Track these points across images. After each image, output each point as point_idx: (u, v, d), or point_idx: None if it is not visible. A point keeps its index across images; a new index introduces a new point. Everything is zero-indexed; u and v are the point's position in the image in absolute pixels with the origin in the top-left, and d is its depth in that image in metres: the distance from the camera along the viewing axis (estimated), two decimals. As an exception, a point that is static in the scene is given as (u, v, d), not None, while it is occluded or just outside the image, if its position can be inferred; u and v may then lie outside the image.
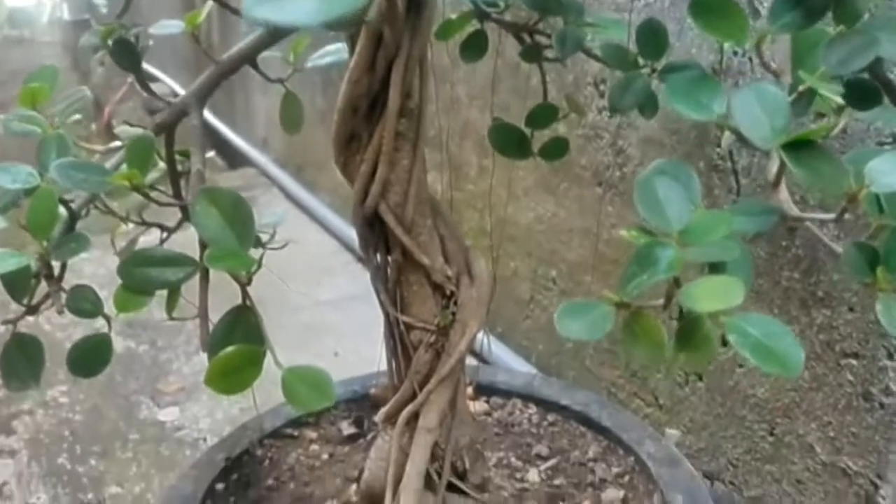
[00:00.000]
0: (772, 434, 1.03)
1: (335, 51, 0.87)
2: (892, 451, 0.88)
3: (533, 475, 0.95)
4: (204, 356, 0.68)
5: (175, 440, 1.45)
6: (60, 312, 0.70)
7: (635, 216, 1.16)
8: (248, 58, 0.79)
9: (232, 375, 0.65)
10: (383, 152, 0.68)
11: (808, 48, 0.48)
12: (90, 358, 0.71)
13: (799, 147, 0.41)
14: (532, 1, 0.77)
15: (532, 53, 0.82)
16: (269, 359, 0.87)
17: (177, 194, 0.86)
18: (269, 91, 2.99)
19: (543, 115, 0.86)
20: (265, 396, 1.50)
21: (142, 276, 0.69)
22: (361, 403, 1.10)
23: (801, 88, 0.46)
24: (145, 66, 0.79)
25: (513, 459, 0.98)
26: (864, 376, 0.89)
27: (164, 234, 0.89)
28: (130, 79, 0.81)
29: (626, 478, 0.95)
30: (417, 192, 0.72)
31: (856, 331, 0.89)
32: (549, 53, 0.81)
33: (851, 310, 0.89)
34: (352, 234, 2.36)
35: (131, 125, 0.86)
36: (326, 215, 2.40)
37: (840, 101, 0.44)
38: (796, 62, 0.48)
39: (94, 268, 1.72)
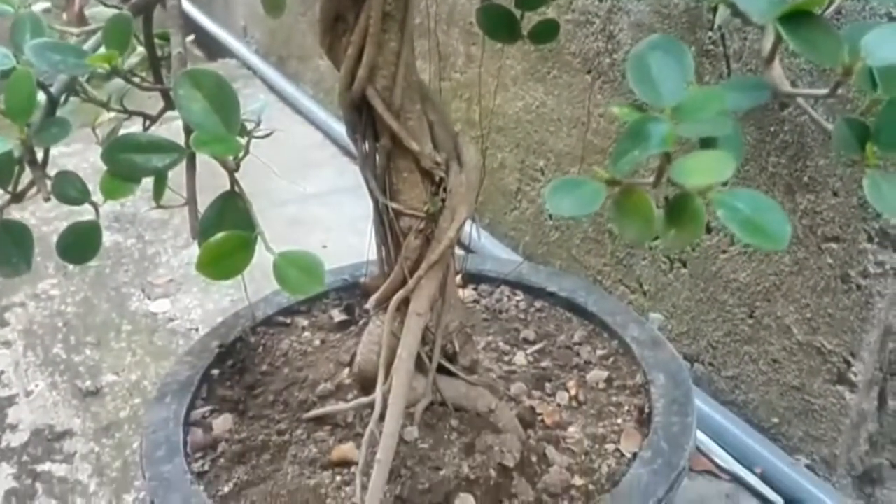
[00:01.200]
0: (751, 317, 1.05)
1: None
2: (866, 330, 0.91)
3: (520, 358, 0.98)
4: (192, 250, 0.68)
5: (168, 331, 1.48)
6: (47, 199, 0.69)
7: (625, 104, 1.15)
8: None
9: (223, 261, 0.66)
10: (370, 34, 0.67)
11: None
12: (81, 245, 0.71)
13: (796, 19, 0.41)
14: None
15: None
16: (259, 251, 0.87)
17: (157, 79, 0.84)
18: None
19: (532, -5, 0.84)
20: (255, 287, 1.52)
21: (127, 161, 0.68)
22: (351, 292, 1.12)
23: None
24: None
25: (500, 344, 1.01)
26: (843, 259, 0.91)
27: (147, 123, 0.88)
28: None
29: (611, 359, 0.98)
30: (406, 76, 0.71)
31: (838, 215, 0.90)
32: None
33: (835, 194, 0.90)
34: (337, 127, 2.33)
35: (106, 5, 0.83)
36: (311, 107, 2.36)
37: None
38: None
39: (77, 161, 1.70)
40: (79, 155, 1.72)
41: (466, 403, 0.85)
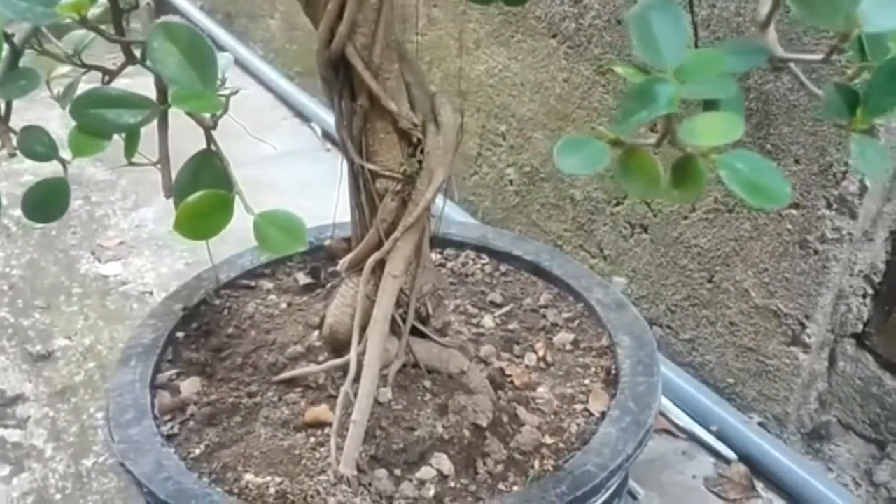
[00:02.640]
0: (710, 281, 1.08)
1: None
2: (822, 293, 0.95)
3: (488, 321, 0.99)
4: (141, 212, 0.66)
5: (120, 294, 1.44)
6: (13, 155, 0.67)
7: (590, 70, 1.15)
8: None
9: (201, 220, 0.64)
10: (353, -11, 0.65)
11: None
12: (48, 203, 0.69)
13: (797, -16, 0.42)
14: None
15: None
16: None
17: (119, 32, 0.81)
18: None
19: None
20: (213, 250, 1.49)
21: (97, 117, 0.66)
22: (315, 255, 1.10)
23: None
24: None
25: (468, 307, 1.01)
26: (802, 225, 0.94)
27: (107, 78, 0.85)
28: None
29: (576, 322, 1.00)
30: (385, 34, 0.70)
31: (799, 182, 0.93)
32: None
33: (797, 162, 0.93)
34: (289, 88, 2.29)
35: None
36: (261, 68, 2.31)
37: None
38: None
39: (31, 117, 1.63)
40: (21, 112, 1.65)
41: (439, 365, 0.86)
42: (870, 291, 0.94)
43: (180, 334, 0.96)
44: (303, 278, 1.06)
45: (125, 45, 0.77)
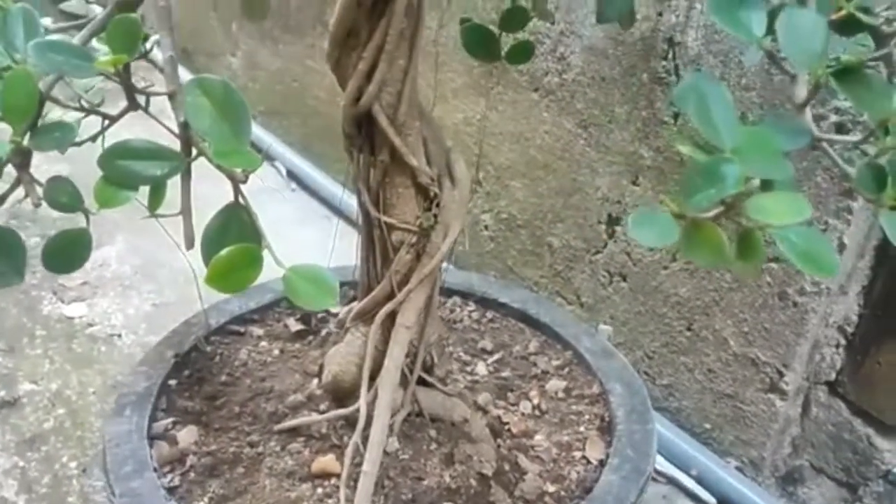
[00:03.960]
0: (689, 329, 1.13)
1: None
2: (800, 343, 1.00)
3: (481, 368, 1.01)
4: (104, 251, 0.66)
5: (87, 336, 1.40)
6: (37, 205, 0.66)
7: (572, 123, 1.20)
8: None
9: (232, 274, 0.64)
10: (386, 51, 0.67)
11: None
12: (69, 253, 0.68)
13: (845, 73, 0.46)
14: None
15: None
16: (162, 252, 0.84)
17: (127, 79, 0.81)
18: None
19: (516, 17, 0.87)
20: (178, 291, 1.47)
21: (125, 169, 0.66)
22: (303, 300, 1.10)
23: (835, 16, 0.50)
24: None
25: (461, 354, 1.03)
26: (782, 279, 0.99)
27: (107, 123, 0.84)
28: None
29: (566, 369, 1.02)
30: (410, 94, 0.72)
31: (778, 238, 0.98)
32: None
33: (777, 219, 0.98)
34: (252, 126, 2.28)
35: (88, 1, 0.80)
36: (221, 106, 2.30)
37: (873, 22, 0.49)
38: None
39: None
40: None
41: (443, 413, 0.87)
42: (843, 342, 0.99)
43: (173, 382, 0.94)
44: (293, 324, 1.06)
45: (129, 92, 0.77)
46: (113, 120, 0.85)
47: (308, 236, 1.75)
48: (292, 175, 2.01)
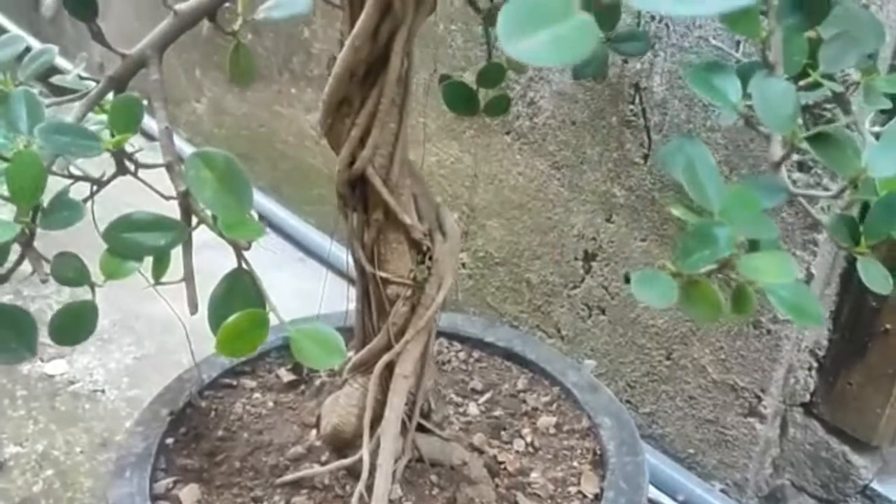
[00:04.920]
0: (668, 358, 1.17)
1: (287, 2, 0.86)
2: (775, 368, 1.04)
3: (473, 409, 1.04)
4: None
5: (69, 394, 1.40)
6: (45, 281, 0.68)
7: (545, 164, 1.24)
8: (209, 9, 0.77)
9: (241, 340, 0.66)
10: (378, 117, 0.71)
11: (794, 48, 0.57)
12: (75, 326, 0.69)
13: (817, 137, 0.50)
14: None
15: (494, 17, 0.86)
16: (163, 307, 0.86)
17: (121, 149, 0.83)
18: (106, 14, 2.77)
19: (493, 74, 0.91)
20: (156, 342, 1.47)
21: (131, 241, 0.68)
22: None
23: (802, 83, 0.55)
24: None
25: (453, 395, 1.06)
26: (755, 308, 1.04)
27: (95, 189, 0.86)
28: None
29: (555, 405, 1.06)
30: (401, 155, 0.75)
31: (749, 269, 1.03)
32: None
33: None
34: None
35: (83, 77, 0.82)
36: (187, 151, 2.30)
37: (838, 88, 0.54)
38: (787, 60, 0.57)
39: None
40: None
41: (442, 458, 0.89)
42: (815, 365, 1.04)
43: (170, 440, 0.95)
44: (285, 374, 1.08)
45: (121, 161, 0.79)
46: (101, 185, 0.87)
47: (283, 280, 1.76)
48: (263, 218, 2.02)
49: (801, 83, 0.55)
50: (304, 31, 1.73)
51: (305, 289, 1.73)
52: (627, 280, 1.19)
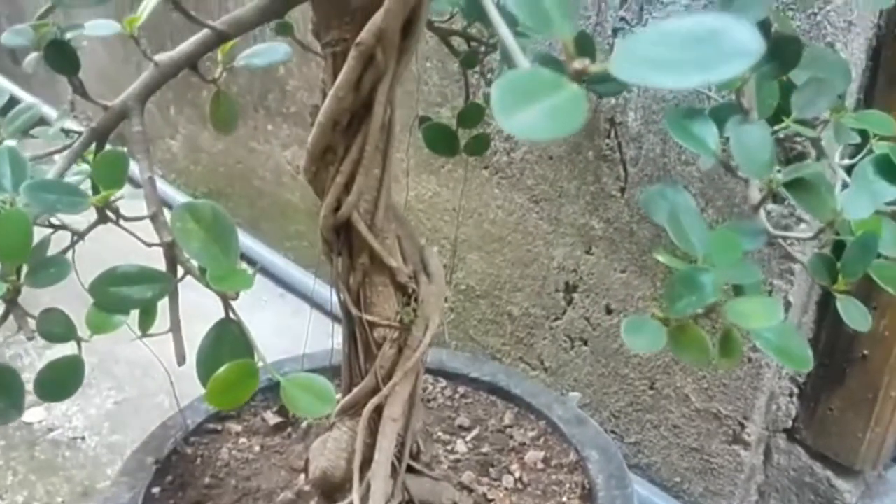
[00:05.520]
0: (652, 388, 1.18)
1: (266, 50, 0.87)
2: (757, 396, 1.06)
3: (461, 446, 1.04)
4: (55, 349, 0.68)
5: (49, 442, 1.37)
6: (31, 338, 0.67)
7: (524, 198, 1.25)
8: (191, 60, 0.78)
9: (231, 391, 0.66)
10: (362, 164, 0.71)
11: (767, 93, 0.59)
12: (61, 381, 0.69)
13: (794, 183, 0.52)
14: (470, 11, 0.82)
15: (472, 59, 0.87)
16: (142, 350, 0.86)
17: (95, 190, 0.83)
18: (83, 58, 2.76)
19: (473, 114, 0.92)
20: (138, 387, 1.46)
21: (117, 295, 0.67)
22: (277, 391, 1.11)
23: (777, 127, 0.56)
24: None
25: (440, 433, 1.06)
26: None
27: (75, 238, 0.86)
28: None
29: (542, 439, 1.06)
30: (385, 200, 0.76)
31: (728, 298, 1.05)
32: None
33: (726, 281, 1.05)
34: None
35: (66, 131, 0.82)
36: (163, 188, 2.30)
37: (814, 133, 0.56)
38: (761, 104, 0.58)
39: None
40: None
41: (433, 499, 0.89)
42: (796, 391, 1.06)
43: (156, 489, 0.94)
44: (271, 417, 1.07)
45: (103, 212, 0.78)
46: (81, 235, 0.86)
47: (265, 317, 1.76)
48: (243, 256, 2.01)
49: (776, 128, 0.57)
50: (280, 68, 1.74)
51: (287, 325, 1.74)
52: (609, 312, 1.20)
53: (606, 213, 1.15)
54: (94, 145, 0.78)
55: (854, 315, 0.54)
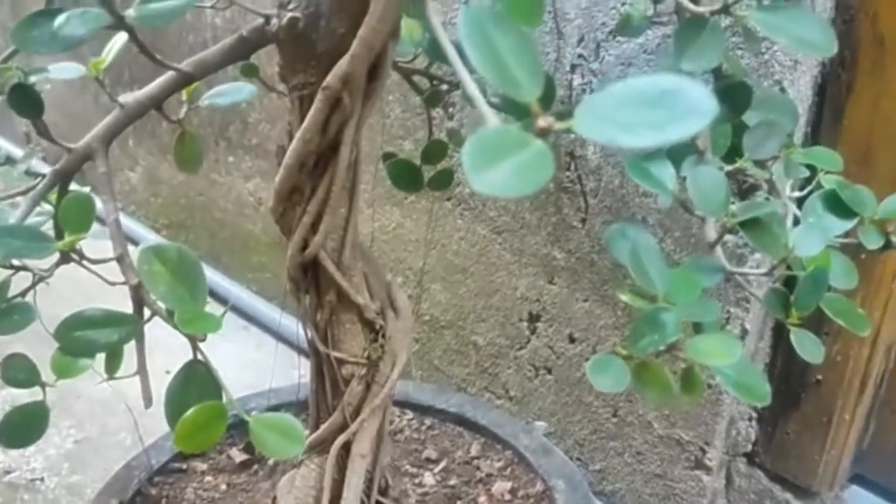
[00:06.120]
0: (615, 416, 1.20)
1: (231, 90, 0.87)
2: (717, 422, 1.08)
3: (429, 479, 1.04)
4: (10, 391, 0.67)
5: (6, 484, 1.34)
6: (-7, 383, 0.66)
7: (486, 229, 1.27)
8: (156, 102, 0.78)
9: (199, 434, 0.66)
10: (329, 204, 0.72)
11: (719, 133, 0.62)
12: (25, 428, 0.68)
13: (749, 223, 0.54)
14: (433, 52, 0.84)
15: (435, 98, 0.89)
16: (103, 386, 0.85)
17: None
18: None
19: (436, 151, 0.94)
20: (99, 424, 1.44)
21: (82, 339, 0.67)
22: (243, 428, 1.11)
23: (729, 168, 0.59)
24: None
25: (408, 466, 1.06)
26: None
27: (36, 278, 0.85)
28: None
29: (509, 469, 1.07)
30: (353, 238, 0.77)
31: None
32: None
33: (685, 309, 1.08)
34: (154, 240, 2.25)
35: (29, 173, 0.82)
36: (124, 222, 2.27)
37: (766, 175, 0.58)
38: (714, 144, 0.61)
39: None
40: None
41: (402, 534, 0.89)
42: (755, 415, 1.09)
43: (121, 533, 0.93)
44: (237, 455, 1.06)
45: (67, 254, 0.78)
46: (43, 278, 0.86)
47: (229, 350, 1.74)
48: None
49: (730, 168, 0.59)
50: (241, 101, 1.74)
51: (251, 358, 1.73)
52: (572, 341, 1.22)
53: (568, 243, 1.17)
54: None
55: (808, 347, 0.57)
